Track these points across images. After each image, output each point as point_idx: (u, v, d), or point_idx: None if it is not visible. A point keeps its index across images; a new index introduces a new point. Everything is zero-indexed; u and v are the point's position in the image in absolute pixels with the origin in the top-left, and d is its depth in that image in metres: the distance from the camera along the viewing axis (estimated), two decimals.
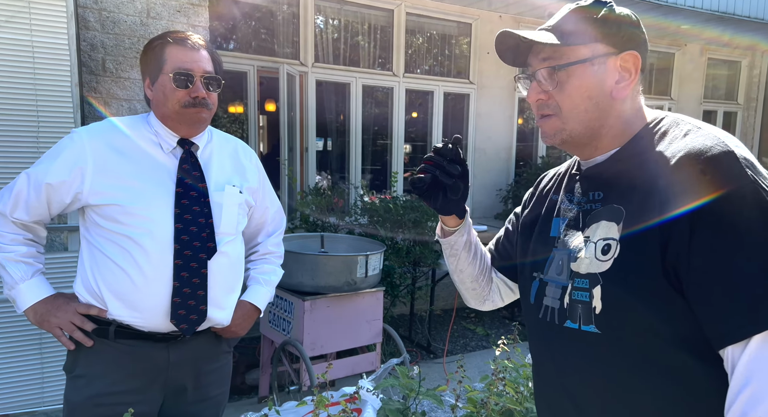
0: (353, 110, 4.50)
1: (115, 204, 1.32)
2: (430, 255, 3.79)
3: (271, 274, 1.66)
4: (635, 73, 0.88)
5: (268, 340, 3.21)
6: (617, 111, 0.90)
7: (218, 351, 1.52)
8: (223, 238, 1.43)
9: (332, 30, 4.47)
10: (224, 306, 1.46)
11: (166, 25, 2.83)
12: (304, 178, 4.32)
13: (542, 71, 0.91)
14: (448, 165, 0.99)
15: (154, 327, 1.36)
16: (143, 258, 1.33)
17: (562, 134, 0.92)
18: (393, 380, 1.41)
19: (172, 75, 1.34)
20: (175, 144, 1.41)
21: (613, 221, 0.86)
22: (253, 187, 1.55)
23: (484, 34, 4.98)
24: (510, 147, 5.33)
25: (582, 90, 0.88)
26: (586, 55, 0.88)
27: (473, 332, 4.61)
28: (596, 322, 0.85)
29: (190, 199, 1.38)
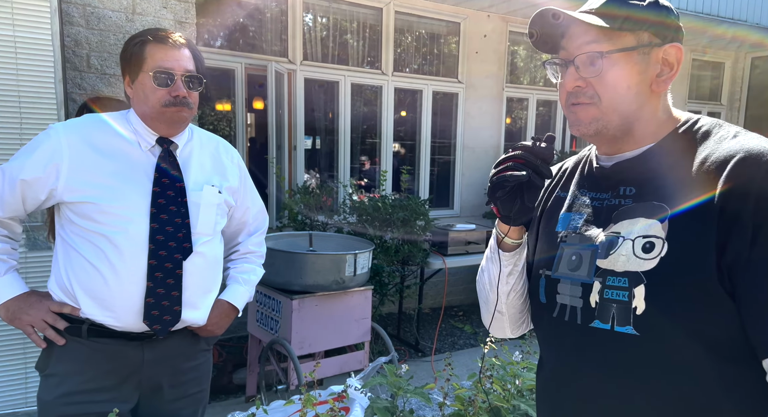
0: (342, 109, 4.49)
1: (90, 202, 1.30)
2: (419, 254, 3.80)
3: (250, 274, 1.64)
4: (677, 67, 0.84)
5: (255, 339, 3.20)
6: (653, 106, 0.86)
7: (196, 349, 1.51)
8: (200, 239, 1.41)
9: (321, 28, 4.46)
10: (199, 306, 1.44)
11: (152, 21, 2.80)
12: (292, 177, 4.30)
13: (582, 57, 0.84)
14: (542, 166, 0.88)
15: (127, 327, 1.35)
16: (117, 257, 1.31)
17: (598, 124, 0.86)
18: (381, 378, 1.41)
19: (152, 74, 1.32)
20: (153, 142, 1.39)
21: (653, 218, 0.81)
22: (233, 186, 1.53)
23: (472, 33, 4.99)
24: (498, 146, 5.35)
25: (624, 80, 0.83)
26: (631, 43, 0.83)
27: (461, 330, 4.63)
28: (635, 323, 0.81)
29: (167, 199, 1.36)
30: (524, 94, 5.48)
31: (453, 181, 5.20)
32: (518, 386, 1.49)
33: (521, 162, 0.88)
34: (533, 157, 0.88)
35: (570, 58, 0.86)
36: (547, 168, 0.88)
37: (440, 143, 5.15)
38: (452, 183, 5.21)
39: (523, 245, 1.02)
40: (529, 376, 1.50)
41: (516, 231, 0.99)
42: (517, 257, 1.01)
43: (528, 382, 1.46)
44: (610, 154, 0.92)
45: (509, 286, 1.02)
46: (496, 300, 1.05)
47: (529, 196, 0.89)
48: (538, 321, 0.99)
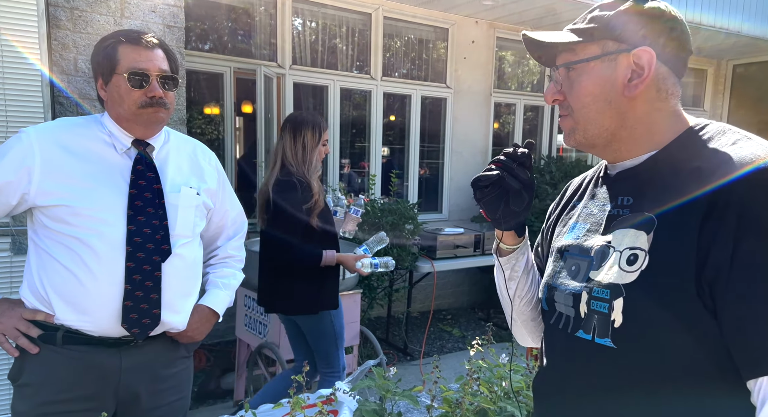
0: (331, 113, 4.50)
1: (64, 205, 1.28)
2: (408, 257, 3.81)
3: (230, 278, 1.63)
4: (648, 70, 0.81)
5: (244, 343, 3.19)
6: (638, 112, 0.84)
7: (175, 356, 1.48)
8: (179, 240, 1.40)
9: (310, 32, 4.47)
10: (179, 310, 1.43)
11: (140, 25, 2.80)
12: None
13: (559, 71, 0.88)
14: (518, 169, 0.91)
15: (105, 332, 1.33)
16: (93, 260, 1.29)
17: (576, 135, 0.88)
18: (369, 381, 1.42)
19: (126, 75, 1.31)
20: (129, 144, 1.38)
21: (643, 230, 0.80)
22: (211, 189, 1.52)
23: (460, 39, 5.04)
24: (486, 150, 5.39)
25: (590, 89, 0.84)
26: (594, 53, 0.84)
27: (450, 334, 4.65)
28: (613, 336, 0.80)
29: (144, 201, 1.35)
30: (512, 99, 5.54)
31: (441, 185, 5.23)
32: (505, 388, 1.51)
33: (499, 165, 0.92)
34: (510, 161, 0.92)
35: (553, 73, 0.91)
36: (523, 171, 0.91)
37: (429, 147, 5.18)
38: (441, 187, 5.24)
39: (519, 251, 1.02)
40: (515, 378, 1.52)
41: (509, 236, 1.01)
42: (513, 262, 1.02)
43: (515, 384, 1.48)
44: (613, 163, 0.91)
45: (512, 291, 1.04)
46: (506, 305, 1.08)
47: (514, 200, 0.91)
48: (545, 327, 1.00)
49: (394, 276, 4.09)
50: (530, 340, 1.11)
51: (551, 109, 5.78)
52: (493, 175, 0.90)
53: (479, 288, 5.41)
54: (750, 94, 6.84)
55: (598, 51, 0.84)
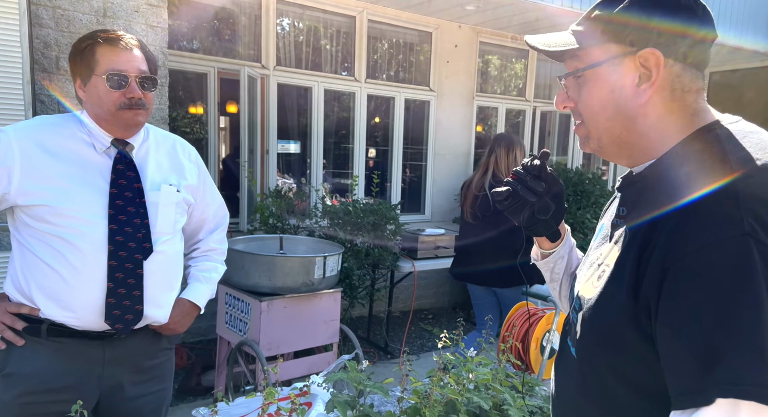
0: (315, 114, 4.55)
1: (45, 204, 1.30)
2: (389, 257, 3.86)
3: (212, 271, 1.65)
4: (656, 73, 0.74)
5: (224, 341, 3.21)
6: (650, 116, 0.77)
7: (157, 348, 1.52)
8: (160, 238, 1.43)
9: (294, 34, 4.51)
10: (162, 304, 1.46)
11: (123, 25, 2.82)
12: (264, 181, 4.33)
13: (568, 78, 0.83)
14: (531, 181, 0.93)
15: (88, 326, 1.36)
16: (75, 259, 1.31)
17: (590, 143, 0.84)
18: (342, 374, 1.47)
19: (105, 76, 1.32)
20: (108, 144, 1.39)
21: (618, 245, 0.77)
22: (192, 184, 1.54)
23: (443, 43, 5.11)
24: (468, 153, 5.47)
25: (597, 96, 0.79)
26: (598, 58, 0.78)
27: (430, 333, 4.71)
28: (576, 347, 0.82)
29: (125, 200, 1.37)
30: (494, 103, 5.62)
31: (424, 186, 5.30)
32: (473, 380, 1.57)
33: (514, 178, 0.97)
34: (524, 173, 0.96)
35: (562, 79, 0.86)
36: (537, 182, 0.94)
37: (412, 149, 5.24)
38: (423, 188, 5.30)
39: (557, 254, 1.04)
40: (482, 370, 1.57)
41: (543, 241, 1.03)
42: (552, 265, 1.04)
43: (481, 376, 1.54)
44: (631, 167, 0.86)
45: (556, 292, 1.07)
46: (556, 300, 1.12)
47: (539, 209, 0.93)
48: None
49: (376, 275, 4.14)
50: None
51: (532, 114, 5.88)
52: (503, 191, 0.95)
53: (460, 288, 5.47)
54: (726, 101, 7.01)
55: (602, 56, 0.78)
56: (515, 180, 0.96)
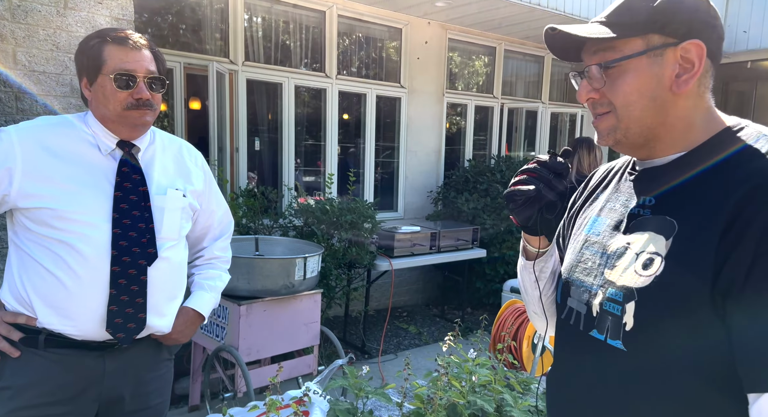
0: (286, 111, 4.45)
1: (47, 207, 1.25)
2: (366, 256, 3.82)
3: (216, 280, 1.61)
4: (699, 65, 0.77)
5: (199, 347, 3.10)
6: (679, 108, 0.80)
7: (158, 359, 1.47)
8: (165, 243, 1.38)
9: (263, 29, 4.39)
10: (165, 313, 1.41)
11: (86, 16, 2.66)
12: (234, 179, 4.21)
13: (592, 68, 0.82)
14: (555, 180, 0.89)
15: (88, 336, 1.30)
16: (77, 264, 1.26)
17: (616, 133, 0.83)
18: (342, 381, 1.43)
19: (113, 76, 1.28)
20: (114, 146, 1.35)
21: (662, 234, 0.78)
22: (198, 190, 1.50)
23: (413, 39, 5.09)
24: (439, 150, 5.48)
25: (636, 86, 0.79)
26: (639, 48, 0.78)
27: (406, 331, 4.70)
28: (624, 339, 0.79)
29: (130, 203, 1.33)
30: (463, 99, 5.65)
31: (397, 183, 5.28)
32: (474, 382, 1.55)
33: (533, 176, 0.90)
34: (546, 171, 0.90)
35: (583, 69, 0.85)
36: (559, 181, 0.89)
37: (384, 146, 5.21)
38: (396, 186, 5.28)
39: (549, 254, 1.01)
40: (483, 372, 1.56)
41: (537, 240, 0.99)
42: (542, 264, 1.02)
43: (483, 378, 1.53)
44: (643, 160, 0.88)
45: (538, 291, 1.04)
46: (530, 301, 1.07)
47: (547, 208, 0.90)
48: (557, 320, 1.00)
49: (353, 275, 4.09)
50: (552, 331, 1.10)
51: (500, 111, 5.95)
52: (530, 191, 0.88)
53: (433, 285, 5.49)
54: None
55: (642, 46, 0.79)
56: (536, 178, 0.90)
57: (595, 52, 0.83)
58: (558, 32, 0.83)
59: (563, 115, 6.66)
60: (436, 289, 5.49)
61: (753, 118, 0.87)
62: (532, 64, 6.26)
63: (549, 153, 0.93)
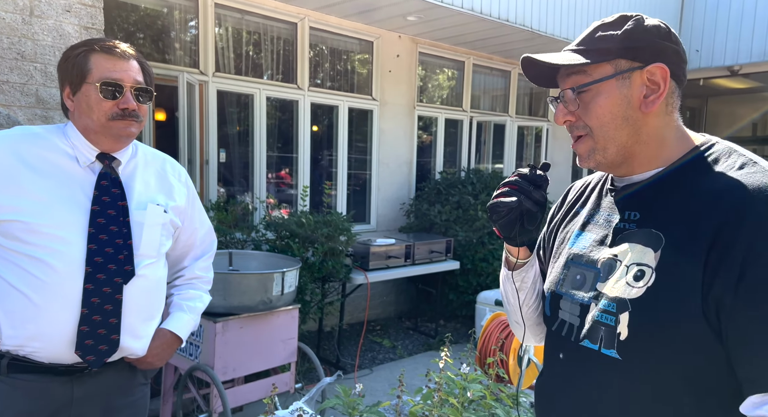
0: (257, 122, 4.38)
1: (18, 220, 1.18)
2: (342, 269, 3.79)
3: (196, 301, 1.55)
4: (664, 86, 0.84)
5: (171, 367, 2.98)
6: (651, 127, 0.86)
7: (132, 384, 1.40)
8: (143, 261, 1.32)
9: (234, 40, 4.33)
10: (140, 335, 1.35)
11: (53, 24, 2.56)
12: (204, 192, 4.11)
13: (567, 92, 0.88)
14: (535, 192, 0.93)
15: (56, 358, 1.22)
16: (48, 281, 1.20)
17: (596, 155, 0.89)
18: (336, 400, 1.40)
19: (98, 85, 1.24)
20: (93, 158, 1.30)
21: (650, 247, 0.82)
22: (180, 206, 1.45)
23: (385, 52, 5.12)
24: (411, 162, 5.51)
25: (608, 108, 0.85)
26: (608, 72, 0.85)
27: (380, 345, 4.66)
28: (618, 348, 0.82)
29: (108, 218, 1.27)
30: (433, 112, 5.71)
31: (369, 195, 5.26)
32: (466, 398, 1.54)
33: (515, 188, 0.94)
34: (526, 184, 0.93)
35: (559, 94, 0.91)
36: (539, 193, 0.93)
37: (356, 158, 5.20)
38: (368, 198, 5.26)
39: (529, 264, 1.05)
40: (476, 387, 1.55)
41: (521, 251, 1.02)
42: (523, 274, 1.05)
43: (477, 393, 1.52)
44: (621, 176, 0.93)
45: (520, 300, 1.07)
46: (512, 311, 1.09)
47: (528, 219, 0.93)
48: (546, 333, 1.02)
49: (328, 289, 4.04)
50: (534, 341, 1.14)
51: (469, 124, 6.04)
52: (512, 202, 0.92)
53: (405, 297, 5.48)
54: None
55: (611, 70, 0.85)
56: (516, 190, 0.94)
57: (569, 75, 0.89)
58: (532, 60, 0.89)
59: (529, 129, 6.82)
60: (408, 301, 5.48)
61: (704, 132, 0.94)
62: (499, 78, 6.40)
63: (529, 166, 0.97)
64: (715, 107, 8.54)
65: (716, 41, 6.36)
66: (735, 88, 7.73)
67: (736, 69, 6.47)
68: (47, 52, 2.54)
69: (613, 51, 0.85)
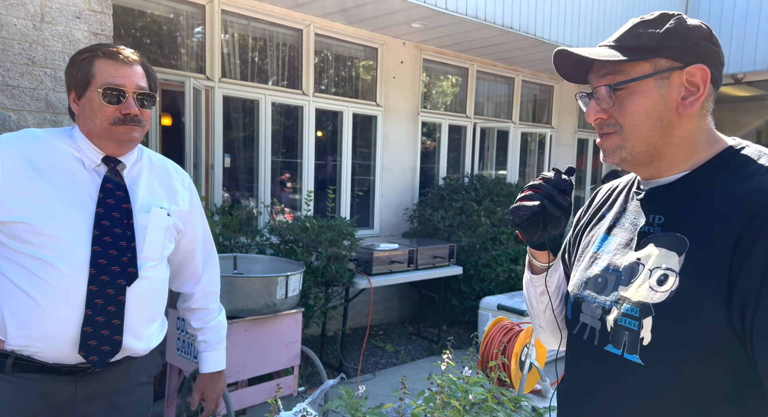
0: (263, 128, 4.42)
1: (23, 222, 1.20)
2: (345, 274, 3.80)
3: (220, 330, 1.63)
4: (704, 88, 0.82)
5: (175, 369, 3.00)
6: (684, 129, 0.84)
7: (135, 382, 1.42)
8: (146, 263, 1.35)
9: (241, 46, 4.38)
10: (143, 336, 1.37)
11: (64, 31, 2.61)
12: (209, 197, 4.14)
13: (601, 89, 0.85)
14: (559, 196, 0.91)
15: (59, 359, 1.25)
16: (52, 282, 1.22)
17: (621, 152, 0.86)
18: (339, 401, 1.41)
19: (101, 90, 1.26)
20: (98, 161, 1.32)
21: (674, 251, 0.80)
22: (183, 210, 1.47)
23: (389, 59, 5.16)
24: (414, 168, 5.53)
25: (644, 107, 0.83)
26: (647, 71, 0.83)
27: (383, 350, 4.67)
28: (641, 354, 0.81)
29: (112, 221, 1.29)
30: (437, 118, 5.74)
31: (373, 201, 5.29)
32: (468, 401, 1.56)
33: (538, 192, 0.93)
34: (550, 188, 0.93)
35: (591, 90, 0.88)
36: (564, 198, 0.92)
37: (360, 164, 5.23)
38: (372, 203, 5.29)
39: (554, 268, 1.03)
40: (478, 390, 1.57)
41: (544, 255, 1.01)
42: (547, 278, 1.03)
43: (479, 396, 1.53)
44: (648, 179, 0.91)
45: (543, 304, 1.05)
46: (535, 315, 1.08)
47: (551, 224, 0.92)
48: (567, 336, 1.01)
49: (330, 293, 4.06)
50: (554, 344, 1.12)
51: (473, 130, 6.06)
52: (535, 206, 0.91)
53: (408, 302, 5.49)
54: None
55: (650, 69, 0.83)
56: (541, 194, 0.93)
57: (604, 75, 0.86)
58: (568, 54, 0.87)
59: (533, 135, 6.84)
60: (411, 306, 5.49)
61: None
62: (503, 85, 6.43)
63: (554, 170, 0.96)
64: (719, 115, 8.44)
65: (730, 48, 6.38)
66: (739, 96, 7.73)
67: (740, 77, 6.48)
68: (57, 57, 2.58)
69: (654, 49, 0.82)
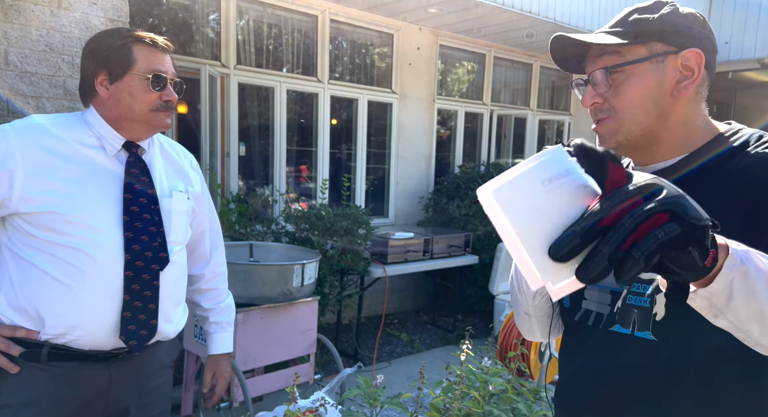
0: (278, 115, 4.40)
1: (52, 211, 1.19)
2: (361, 262, 3.79)
3: (230, 312, 1.65)
4: (698, 71, 0.83)
5: (192, 355, 3.03)
6: (679, 113, 0.86)
7: (161, 365, 1.45)
8: (174, 247, 1.36)
9: (255, 33, 4.35)
10: (172, 319, 1.39)
11: (81, 17, 2.60)
12: (225, 185, 4.15)
13: (596, 73, 0.86)
14: None
15: (97, 345, 1.25)
16: (88, 270, 1.22)
17: (617, 136, 0.87)
18: (357, 390, 1.40)
19: (150, 77, 1.25)
20: (119, 147, 1.30)
21: None
22: (197, 192, 1.48)
23: (405, 45, 5.10)
24: (430, 156, 5.48)
25: (639, 91, 0.84)
26: (642, 54, 0.84)
27: (398, 338, 4.67)
28: (653, 330, 0.82)
29: (140, 206, 1.29)
30: (453, 106, 5.67)
31: (388, 189, 5.26)
32: (487, 391, 1.54)
33: None
34: None
35: (587, 76, 0.89)
36: None
37: (375, 152, 5.19)
38: (387, 192, 5.26)
39: None
40: (497, 381, 1.54)
41: None
42: None
43: (498, 387, 1.51)
44: (644, 165, 0.91)
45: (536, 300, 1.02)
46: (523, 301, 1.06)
47: None
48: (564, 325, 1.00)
49: (346, 281, 4.05)
50: (539, 335, 1.11)
51: (490, 117, 5.98)
52: None
53: (423, 291, 5.48)
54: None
55: (646, 53, 0.84)
56: None
57: (600, 57, 0.87)
58: (564, 39, 0.88)
59: (550, 123, 6.73)
60: (426, 295, 5.47)
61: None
62: (520, 71, 6.32)
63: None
64: (744, 100, 8.32)
65: (747, 33, 6.19)
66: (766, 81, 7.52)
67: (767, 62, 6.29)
68: (74, 44, 2.58)
69: (649, 34, 0.84)
